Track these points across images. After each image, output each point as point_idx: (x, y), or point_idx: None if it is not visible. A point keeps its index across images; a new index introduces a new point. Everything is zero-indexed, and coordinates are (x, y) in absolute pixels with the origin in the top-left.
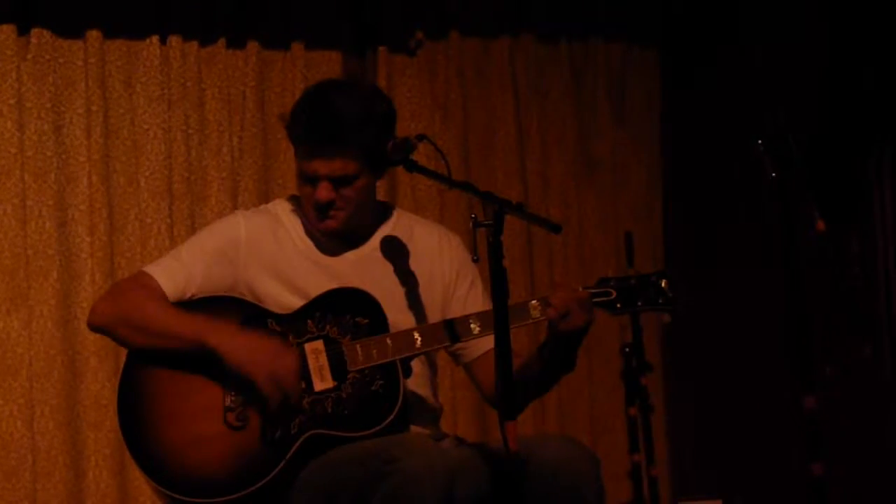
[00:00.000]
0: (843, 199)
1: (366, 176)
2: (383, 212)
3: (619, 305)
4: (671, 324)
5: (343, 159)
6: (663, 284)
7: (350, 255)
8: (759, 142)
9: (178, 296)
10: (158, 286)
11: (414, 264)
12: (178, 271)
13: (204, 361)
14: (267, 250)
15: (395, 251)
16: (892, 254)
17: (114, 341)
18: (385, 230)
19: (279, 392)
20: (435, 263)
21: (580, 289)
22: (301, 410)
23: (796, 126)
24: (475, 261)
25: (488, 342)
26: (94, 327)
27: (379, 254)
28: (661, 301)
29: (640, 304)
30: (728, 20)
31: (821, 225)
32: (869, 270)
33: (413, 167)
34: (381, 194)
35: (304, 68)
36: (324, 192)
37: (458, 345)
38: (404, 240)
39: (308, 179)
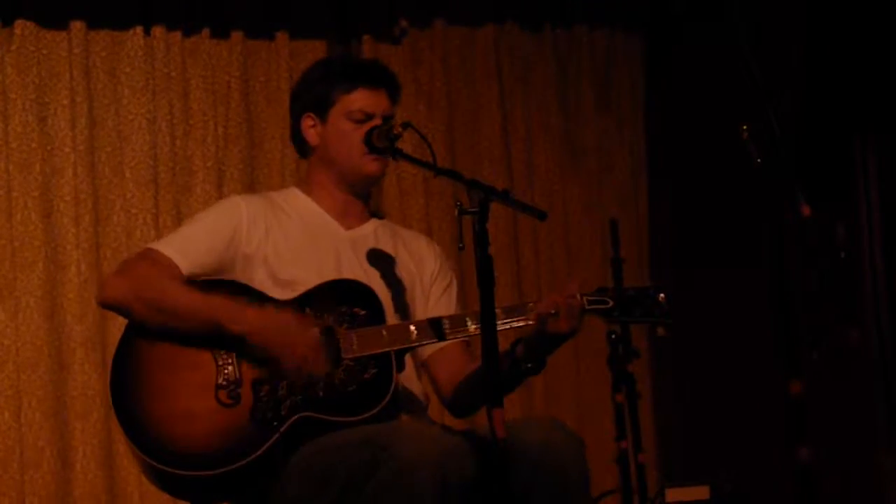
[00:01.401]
0: (829, 183)
1: None
2: (372, 211)
3: (615, 314)
4: (666, 338)
5: (390, 98)
6: (660, 298)
7: (352, 233)
8: (745, 127)
9: (189, 270)
10: (172, 262)
11: (407, 253)
12: (187, 245)
13: (203, 338)
14: (266, 229)
15: (390, 235)
16: (878, 238)
17: (125, 318)
18: (378, 222)
19: (301, 373)
20: (423, 254)
21: (577, 296)
22: (293, 393)
23: (781, 112)
24: (461, 248)
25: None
26: (107, 304)
27: (376, 234)
28: (656, 313)
29: (636, 314)
30: (712, 7)
31: (806, 210)
32: (854, 255)
33: (398, 155)
34: None
35: (288, 58)
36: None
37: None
38: (396, 233)
39: (361, 119)
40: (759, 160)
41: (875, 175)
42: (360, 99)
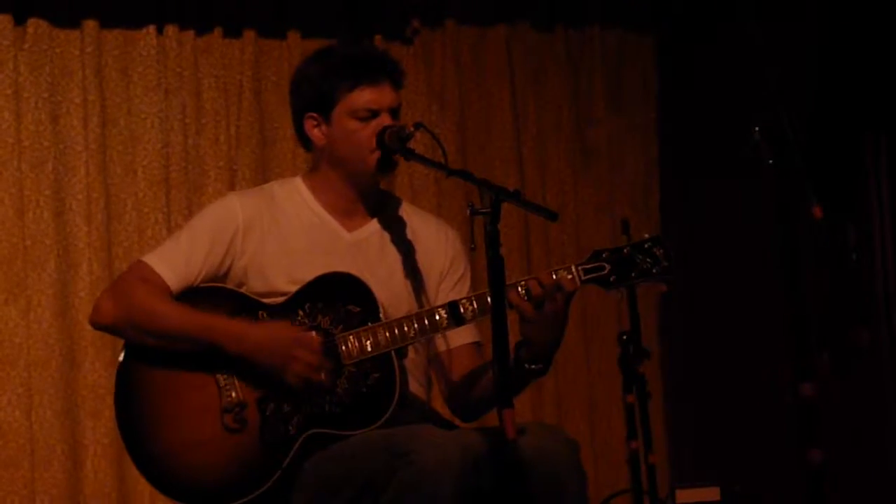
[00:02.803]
0: (841, 185)
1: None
2: (384, 196)
3: (612, 279)
4: (668, 293)
5: (396, 91)
6: (658, 252)
7: (355, 234)
8: (757, 129)
9: (181, 285)
10: (161, 279)
11: (415, 251)
12: (179, 259)
13: (201, 358)
14: (263, 231)
15: (397, 233)
16: (890, 240)
17: (119, 338)
18: (388, 214)
19: (307, 384)
20: (432, 249)
21: (573, 268)
22: (299, 409)
23: (794, 113)
24: (472, 249)
25: (463, 336)
26: (99, 326)
27: (381, 235)
28: (655, 271)
29: (634, 275)
30: (724, 6)
31: (818, 211)
32: (866, 257)
33: (410, 155)
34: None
35: (300, 57)
36: (388, 121)
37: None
38: (406, 226)
39: (366, 117)
40: (770, 161)
41: (887, 176)
42: (363, 96)
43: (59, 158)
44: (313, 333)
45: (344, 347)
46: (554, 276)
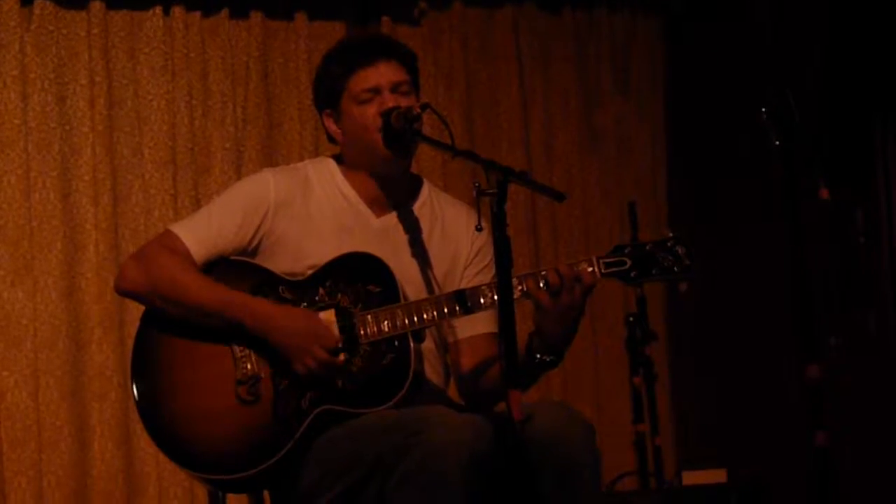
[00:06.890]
0: (848, 167)
1: (416, 98)
2: (415, 183)
3: (633, 275)
4: (688, 292)
5: (399, 64)
6: (680, 251)
7: (383, 220)
8: (764, 110)
9: (206, 258)
10: (187, 249)
11: (442, 240)
12: (207, 232)
13: (219, 328)
14: (294, 211)
15: (425, 221)
16: None
17: (142, 305)
18: (418, 202)
19: (313, 376)
20: (459, 237)
21: (594, 260)
22: (312, 385)
23: (801, 95)
24: (478, 230)
25: (480, 325)
26: (122, 292)
27: (409, 221)
28: (676, 269)
29: (654, 272)
30: None
31: (825, 193)
32: (873, 239)
33: (417, 136)
34: None
35: (307, 38)
36: (391, 99)
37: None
38: (436, 214)
39: (367, 99)
40: (777, 143)
41: (894, 159)
42: (359, 80)
43: (65, 140)
44: (335, 332)
45: (361, 326)
46: (574, 269)
